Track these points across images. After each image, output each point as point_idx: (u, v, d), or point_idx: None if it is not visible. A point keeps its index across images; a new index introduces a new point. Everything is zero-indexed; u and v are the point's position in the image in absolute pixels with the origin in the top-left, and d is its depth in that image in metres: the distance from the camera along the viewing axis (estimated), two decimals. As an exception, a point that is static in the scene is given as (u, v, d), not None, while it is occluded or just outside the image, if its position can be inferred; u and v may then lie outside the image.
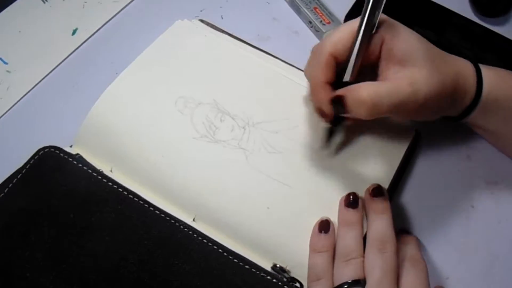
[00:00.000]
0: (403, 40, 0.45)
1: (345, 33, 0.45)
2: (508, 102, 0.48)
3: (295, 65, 0.57)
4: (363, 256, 0.44)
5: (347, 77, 0.46)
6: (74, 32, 0.64)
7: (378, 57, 0.46)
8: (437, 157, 0.54)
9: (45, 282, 0.44)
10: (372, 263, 0.43)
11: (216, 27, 0.60)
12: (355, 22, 0.45)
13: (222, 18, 0.64)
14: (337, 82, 0.46)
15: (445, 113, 0.49)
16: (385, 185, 0.48)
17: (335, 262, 0.45)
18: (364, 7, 0.44)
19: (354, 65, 0.45)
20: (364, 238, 0.45)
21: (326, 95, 0.45)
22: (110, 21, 0.65)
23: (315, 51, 0.47)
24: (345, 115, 0.46)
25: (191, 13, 0.63)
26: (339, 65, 0.46)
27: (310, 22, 0.63)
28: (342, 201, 0.47)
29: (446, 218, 0.51)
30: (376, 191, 0.46)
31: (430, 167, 0.54)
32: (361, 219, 0.46)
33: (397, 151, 0.51)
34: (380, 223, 0.45)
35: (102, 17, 0.65)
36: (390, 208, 0.46)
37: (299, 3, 0.64)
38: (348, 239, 0.45)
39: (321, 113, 0.47)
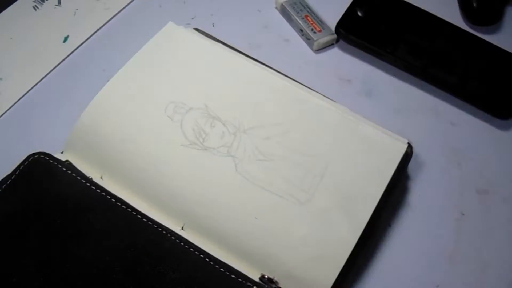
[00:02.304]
0: None
1: None
2: None
3: (285, 73, 0.56)
4: None
5: None
6: (65, 39, 0.64)
7: None
8: (429, 164, 0.54)
9: (31, 288, 0.43)
10: None
11: (208, 34, 0.60)
12: None
13: (213, 26, 0.64)
14: None
15: None
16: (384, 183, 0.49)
17: None
18: None
19: None
20: None
21: None
22: (102, 29, 0.65)
23: None
24: None
25: (182, 21, 0.62)
26: None
27: (301, 30, 0.63)
28: None
29: (436, 225, 0.51)
30: None
31: (420, 173, 0.54)
32: None
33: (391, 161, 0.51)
34: None
35: (94, 24, 0.65)
36: None
37: (290, 11, 0.64)
38: None
39: None
